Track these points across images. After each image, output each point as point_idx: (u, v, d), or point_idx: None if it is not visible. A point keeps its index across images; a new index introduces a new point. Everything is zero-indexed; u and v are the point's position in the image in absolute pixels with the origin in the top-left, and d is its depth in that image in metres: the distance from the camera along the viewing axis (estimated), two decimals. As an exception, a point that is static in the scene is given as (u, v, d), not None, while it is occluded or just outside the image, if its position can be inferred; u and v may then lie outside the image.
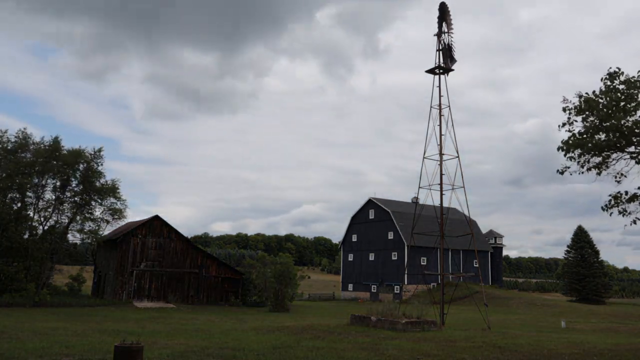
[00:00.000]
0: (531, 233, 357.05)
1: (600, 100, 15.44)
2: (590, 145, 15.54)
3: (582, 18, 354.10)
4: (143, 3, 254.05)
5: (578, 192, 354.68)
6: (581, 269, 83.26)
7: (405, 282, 67.33)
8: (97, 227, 46.90)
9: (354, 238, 79.32)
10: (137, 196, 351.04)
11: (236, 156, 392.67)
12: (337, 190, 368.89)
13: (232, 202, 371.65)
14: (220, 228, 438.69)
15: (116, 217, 47.41)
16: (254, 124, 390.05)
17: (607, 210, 16.09)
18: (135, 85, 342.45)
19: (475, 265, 73.43)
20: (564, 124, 16.31)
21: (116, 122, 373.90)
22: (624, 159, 15.99)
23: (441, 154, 30.45)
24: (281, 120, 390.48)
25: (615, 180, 16.33)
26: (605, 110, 15.25)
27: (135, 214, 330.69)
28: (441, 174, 30.39)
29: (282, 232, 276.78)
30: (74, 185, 46.81)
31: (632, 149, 15.65)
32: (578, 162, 16.11)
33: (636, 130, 15.06)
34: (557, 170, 16.64)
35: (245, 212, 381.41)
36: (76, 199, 46.65)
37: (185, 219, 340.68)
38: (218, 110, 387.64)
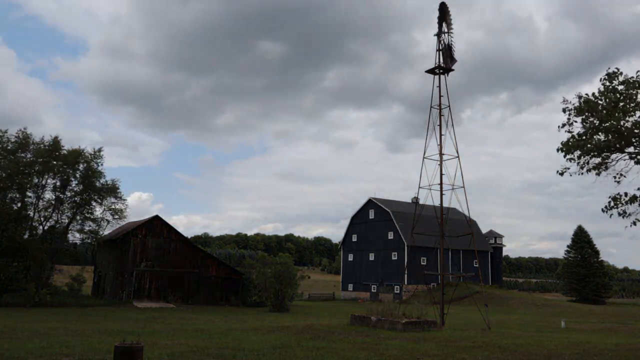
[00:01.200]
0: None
1: (600, 102, 15.43)
2: (589, 146, 15.53)
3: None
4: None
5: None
6: (581, 269, 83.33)
7: (405, 282, 67.32)
8: (97, 227, 46.98)
9: (354, 238, 79.30)
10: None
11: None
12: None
13: (285, 209, 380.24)
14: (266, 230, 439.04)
15: (117, 216, 47.46)
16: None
17: (607, 212, 16.07)
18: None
19: (475, 265, 73.42)
20: (563, 125, 16.31)
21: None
22: (624, 160, 15.98)
23: (441, 154, 30.47)
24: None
25: (615, 181, 16.32)
26: (604, 111, 15.24)
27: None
28: (441, 174, 30.43)
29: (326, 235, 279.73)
30: (74, 185, 46.87)
31: (631, 149, 15.64)
32: (578, 163, 16.10)
33: (635, 131, 15.05)
34: (557, 172, 16.64)
35: (297, 217, 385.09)
36: (76, 198, 46.66)
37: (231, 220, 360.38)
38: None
